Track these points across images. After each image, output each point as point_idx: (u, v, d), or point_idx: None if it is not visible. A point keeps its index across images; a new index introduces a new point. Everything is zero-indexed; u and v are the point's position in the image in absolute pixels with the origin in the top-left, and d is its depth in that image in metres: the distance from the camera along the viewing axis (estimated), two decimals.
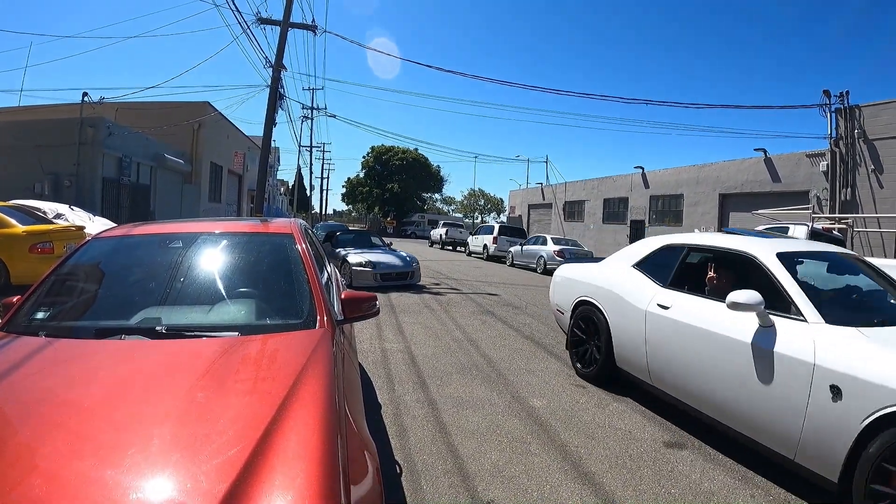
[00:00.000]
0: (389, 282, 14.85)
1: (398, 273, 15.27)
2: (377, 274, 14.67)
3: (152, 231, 4.21)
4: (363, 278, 14.39)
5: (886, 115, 18.81)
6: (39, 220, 11.67)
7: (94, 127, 21.80)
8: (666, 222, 29.75)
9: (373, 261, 14.91)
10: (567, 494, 3.85)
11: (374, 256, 15.31)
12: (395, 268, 15.27)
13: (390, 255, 15.95)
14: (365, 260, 14.89)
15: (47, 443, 1.86)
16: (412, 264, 15.74)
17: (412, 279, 15.50)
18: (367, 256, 15.14)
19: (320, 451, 1.86)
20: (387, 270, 15.00)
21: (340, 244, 16.78)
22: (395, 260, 15.66)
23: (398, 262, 15.58)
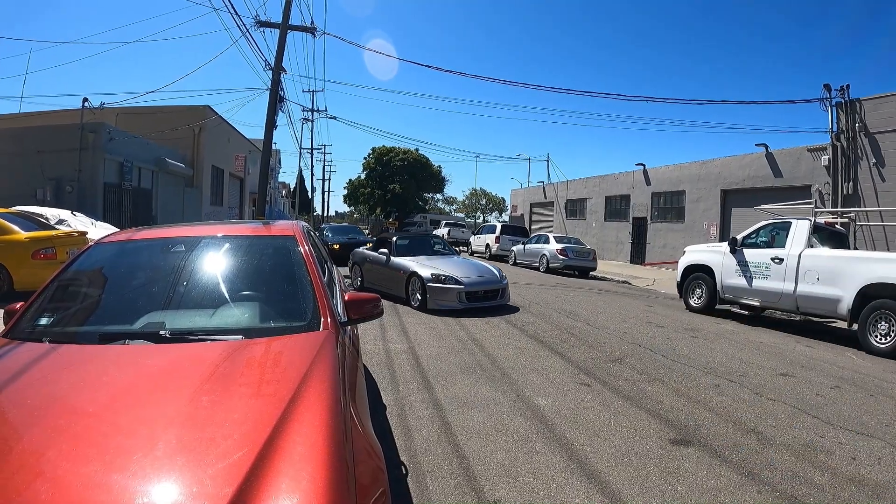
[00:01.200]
0: (477, 302, 11.66)
1: (487, 291, 11.94)
2: (462, 292, 11.37)
3: (155, 235, 4.21)
4: (444, 297, 11.32)
5: (887, 108, 18.75)
6: (42, 226, 11.68)
7: (94, 132, 21.80)
8: (668, 219, 29.69)
9: (454, 276, 11.60)
10: (573, 493, 3.85)
11: (452, 268, 12.05)
12: (483, 283, 11.95)
13: (470, 267, 12.63)
14: (443, 273, 11.59)
15: (53, 448, 1.86)
16: (503, 279, 12.44)
17: (502, 298, 12.21)
18: (443, 268, 11.88)
19: (326, 453, 1.85)
20: (474, 287, 11.65)
21: (399, 251, 13.36)
22: (481, 273, 12.31)
23: (486, 277, 12.26)
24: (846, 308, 9.31)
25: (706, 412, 5.61)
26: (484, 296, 11.88)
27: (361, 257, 14.83)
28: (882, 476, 4.25)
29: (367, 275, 14.23)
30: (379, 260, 13.57)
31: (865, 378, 7.19)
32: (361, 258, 14.79)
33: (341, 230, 27.48)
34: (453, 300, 11.33)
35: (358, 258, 14.98)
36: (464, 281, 11.57)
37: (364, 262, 14.54)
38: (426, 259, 12.82)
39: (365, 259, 14.54)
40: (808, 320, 11.96)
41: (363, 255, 14.80)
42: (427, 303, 11.33)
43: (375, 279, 13.72)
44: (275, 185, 59.82)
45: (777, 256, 10.70)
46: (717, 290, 12.18)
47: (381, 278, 13.40)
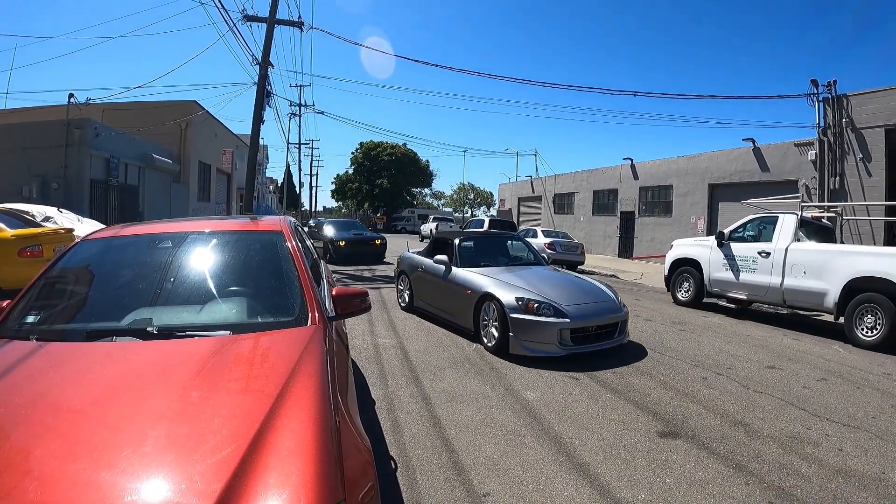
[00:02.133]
0: (586, 345, 7.43)
1: (601, 326, 7.64)
2: (566, 329, 7.20)
3: (141, 231, 4.19)
4: (535, 336, 7.20)
5: (873, 103, 18.87)
6: (28, 223, 11.58)
7: (80, 128, 21.64)
8: (656, 213, 29.79)
9: (551, 300, 7.43)
10: (562, 486, 3.86)
11: (544, 287, 7.97)
12: (595, 313, 7.62)
13: (569, 284, 8.54)
14: (535, 297, 7.45)
15: (41, 446, 1.85)
16: (622, 306, 8.16)
17: (621, 335, 7.93)
18: (530, 287, 7.84)
19: (315, 448, 1.86)
20: (583, 320, 7.40)
21: (464, 259, 9.34)
22: (588, 296, 8.06)
23: (598, 302, 7.95)
24: (833, 301, 9.37)
25: (694, 405, 5.64)
26: (596, 334, 7.54)
27: (411, 264, 10.77)
28: (868, 467, 4.29)
29: (420, 290, 10.27)
30: (435, 271, 9.61)
31: (852, 370, 7.25)
32: (411, 265, 10.75)
33: (344, 225, 24.43)
34: (551, 341, 7.13)
35: (406, 266, 10.99)
36: (567, 310, 7.32)
37: (414, 271, 10.52)
38: (504, 272, 8.74)
39: (415, 267, 10.49)
40: (795, 314, 12.04)
41: (413, 261, 10.76)
42: (509, 344, 7.23)
43: (430, 297, 9.84)
44: (262, 180, 59.73)
45: (764, 250, 10.76)
46: (704, 284, 12.23)
47: (438, 297, 9.52)
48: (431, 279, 9.77)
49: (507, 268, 9.24)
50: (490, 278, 8.28)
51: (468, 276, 8.62)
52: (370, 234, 24.19)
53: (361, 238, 22.17)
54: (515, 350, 7.24)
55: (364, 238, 22.30)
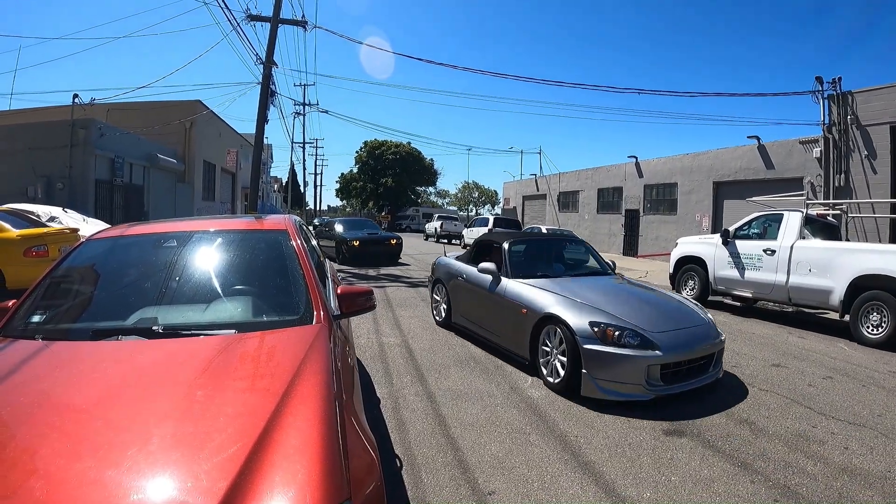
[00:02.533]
0: (680, 383, 5.73)
1: (694, 360, 5.91)
2: (657, 364, 5.53)
3: (146, 231, 4.20)
4: (616, 374, 5.52)
5: (878, 100, 18.80)
6: (33, 223, 11.62)
7: (85, 128, 21.70)
8: (661, 211, 29.73)
9: (632, 325, 5.77)
10: (567, 484, 3.86)
11: (620, 306, 6.25)
12: (688, 342, 5.92)
13: (648, 301, 6.77)
14: (614, 322, 5.77)
15: (47, 445, 1.86)
16: (719, 334, 6.42)
17: (716, 367, 6.23)
18: (606, 308, 6.10)
19: (321, 446, 1.86)
20: (676, 352, 5.70)
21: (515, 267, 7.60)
22: (672, 317, 6.35)
23: (687, 326, 6.22)
24: (838, 299, 9.35)
25: (698, 403, 5.62)
26: (688, 369, 5.80)
27: (448, 272, 9.12)
28: (874, 465, 4.28)
29: (460, 303, 8.63)
30: (479, 281, 7.89)
31: (857, 369, 7.23)
32: (448, 273, 9.10)
33: (357, 224, 23.36)
34: (636, 381, 5.44)
35: (443, 273, 9.34)
36: (657, 338, 5.61)
37: (451, 279, 8.91)
38: (567, 284, 7.02)
39: (454, 275, 8.84)
40: (801, 311, 12.01)
41: (452, 268, 9.10)
42: (581, 383, 5.56)
43: (473, 312, 8.15)
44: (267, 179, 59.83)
45: (769, 248, 10.73)
46: (709, 282, 12.21)
47: (483, 313, 7.77)
48: (474, 291, 8.03)
49: (570, 278, 7.57)
50: (552, 293, 6.53)
51: (523, 291, 6.90)
52: (385, 233, 23.15)
53: (376, 238, 21.11)
54: (589, 392, 5.53)
55: (379, 238, 21.22)
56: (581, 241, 9.43)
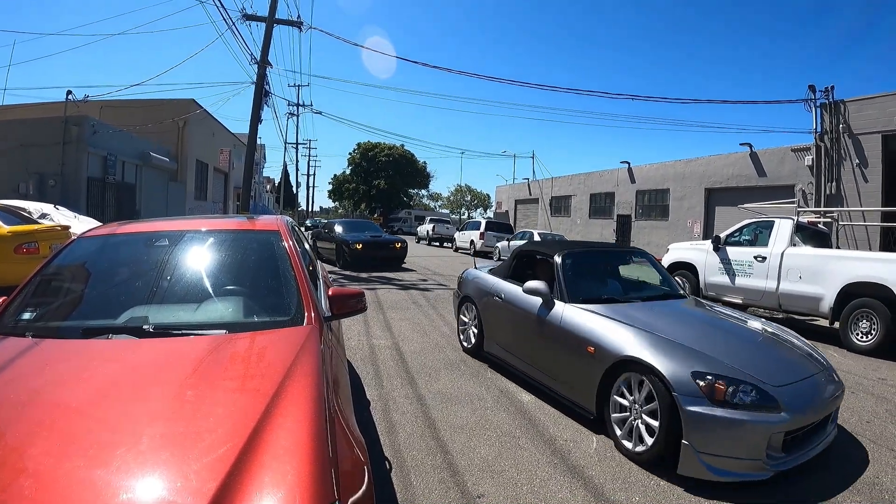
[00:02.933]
0: (800, 453, 4.17)
1: (818, 425, 4.45)
2: (780, 432, 3.99)
3: (138, 229, 4.19)
4: (732, 444, 3.93)
5: (870, 109, 18.94)
6: (24, 220, 11.55)
7: (78, 125, 21.63)
8: (653, 217, 29.85)
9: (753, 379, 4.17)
10: (556, 488, 3.87)
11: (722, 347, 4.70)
12: (815, 397, 4.37)
13: (752, 341, 5.17)
14: (727, 375, 4.14)
15: (36, 444, 1.85)
16: (839, 383, 4.80)
17: (833, 423, 4.71)
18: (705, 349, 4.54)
19: (310, 447, 1.86)
20: (805, 414, 4.17)
21: (573, 289, 5.93)
22: (792, 363, 4.73)
23: (812, 375, 4.58)
24: (828, 306, 9.39)
25: None
26: (811, 433, 4.40)
27: (479, 288, 7.49)
28: (863, 473, 4.30)
29: (494, 326, 7.01)
30: (522, 303, 6.33)
31: (847, 375, 7.26)
32: (479, 289, 7.47)
33: (358, 226, 21.94)
34: (755, 455, 3.95)
35: (472, 289, 7.67)
36: (777, 394, 4.14)
37: (484, 297, 7.26)
38: (642, 312, 5.47)
39: (487, 292, 7.21)
40: (791, 318, 12.05)
41: (484, 284, 7.43)
42: (680, 458, 4.06)
43: (513, 342, 6.55)
44: (259, 179, 59.73)
45: (760, 255, 10.77)
46: (700, 288, 12.24)
47: (526, 344, 6.24)
48: (516, 315, 6.34)
49: (642, 304, 5.90)
50: (628, 326, 4.90)
51: (586, 321, 5.22)
52: (389, 236, 22.08)
53: (380, 241, 19.99)
54: (692, 470, 3.97)
55: (383, 241, 20.12)
56: (644, 253, 7.47)
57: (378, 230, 22.59)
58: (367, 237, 19.73)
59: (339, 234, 20.03)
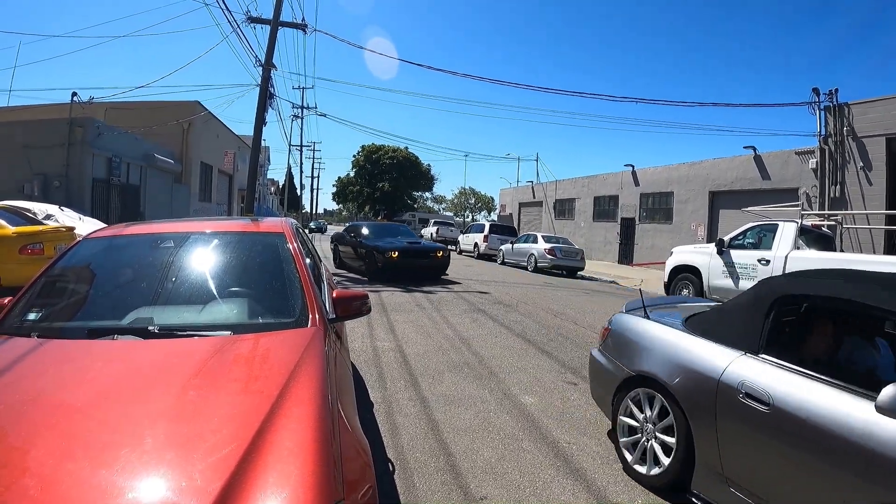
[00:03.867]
0: None
1: None
2: None
3: (143, 231, 4.20)
4: None
5: (874, 112, 18.90)
6: (29, 221, 11.60)
7: (83, 127, 21.66)
8: (656, 220, 29.82)
9: None
10: (559, 490, 3.87)
11: None
12: None
13: None
14: None
15: (40, 444, 1.86)
16: None
17: None
18: None
19: (314, 448, 1.87)
20: None
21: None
22: None
23: None
24: None
25: None
26: None
27: (679, 362, 3.99)
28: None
29: (741, 446, 3.41)
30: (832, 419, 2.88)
31: None
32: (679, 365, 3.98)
33: (389, 231, 19.06)
34: None
35: (659, 360, 4.19)
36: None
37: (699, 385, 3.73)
38: None
39: (704, 377, 3.70)
40: None
41: (690, 359, 3.92)
42: None
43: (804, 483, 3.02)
44: (263, 181, 59.75)
45: (764, 258, 10.77)
46: (703, 291, 12.24)
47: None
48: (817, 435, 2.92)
49: None
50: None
51: None
52: (428, 243, 19.66)
53: (420, 248, 17.21)
54: None
55: (423, 248, 17.37)
56: None
57: (412, 235, 20.05)
58: (404, 244, 16.80)
59: (368, 240, 17.17)
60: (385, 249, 15.86)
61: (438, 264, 17.09)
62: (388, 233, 18.35)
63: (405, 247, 16.44)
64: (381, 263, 15.78)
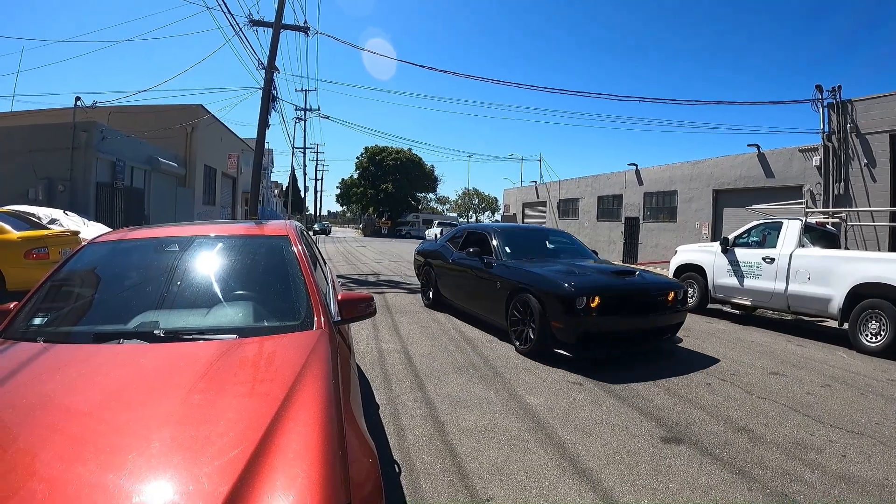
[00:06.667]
0: None
1: None
2: None
3: (148, 235, 4.22)
4: None
5: (878, 109, 18.83)
6: (34, 225, 11.63)
7: (87, 131, 21.74)
8: (660, 219, 29.75)
9: None
10: (565, 491, 3.87)
11: None
12: None
13: None
14: None
15: (47, 448, 1.87)
16: None
17: None
18: None
19: (321, 451, 1.87)
20: None
21: None
22: None
23: None
24: (837, 307, 9.35)
25: (697, 410, 5.63)
26: None
27: None
28: (871, 473, 4.28)
29: None
30: None
31: (856, 377, 7.23)
32: None
33: (533, 241, 10.51)
34: None
35: None
36: None
37: None
38: None
39: None
40: (800, 320, 12.02)
41: None
42: None
43: None
44: (267, 184, 59.89)
45: (768, 256, 10.74)
46: (708, 290, 12.21)
47: None
48: None
49: None
50: None
51: None
52: (651, 276, 8.78)
53: (636, 287, 7.90)
54: None
55: (643, 286, 7.93)
56: None
57: (585, 250, 10.50)
58: (602, 277, 8.01)
59: (516, 263, 8.84)
60: (579, 291, 7.12)
61: (670, 321, 8.01)
62: (538, 246, 10.21)
63: (610, 284, 7.75)
64: (571, 324, 7.11)
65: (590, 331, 7.18)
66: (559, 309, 7.16)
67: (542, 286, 7.62)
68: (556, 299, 7.21)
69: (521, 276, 8.21)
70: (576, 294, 7.07)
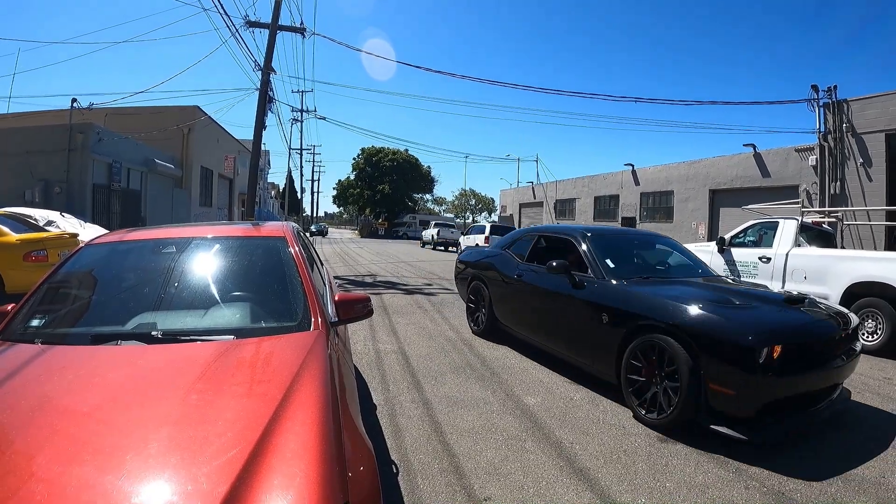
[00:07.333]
0: None
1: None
2: None
3: (145, 236, 4.22)
4: None
5: (873, 108, 18.91)
6: (32, 227, 11.62)
7: (83, 133, 21.72)
8: (657, 219, 29.82)
9: None
10: (563, 490, 3.88)
11: None
12: None
13: None
14: None
15: (46, 449, 1.87)
16: None
17: None
18: None
19: (319, 451, 1.88)
20: None
21: None
22: None
23: None
24: None
25: None
26: None
27: None
28: (868, 472, 4.30)
29: None
30: None
31: (853, 375, 7.22)
32: None
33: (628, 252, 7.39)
34: None
35: None
36: None
37: None
38: None
39: None
40: None
41: None
42: None
43: None
44: (264, 185, 59.87)
45: (765, 256, 10.76)
46: None
47: None
48: None
49: None
50: None
51: None
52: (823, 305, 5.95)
53: (821, 325, 5.17)
54: None
55: (825, 325, 5.20)
56: None
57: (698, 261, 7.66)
58: (788, 314, 5.18)
59: (629, 290, 5.83)
60: (760, 337, 4.49)
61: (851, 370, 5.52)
62: (647, 257, 7.74)
63: (791, 322, 5.06)
64: (749, 389, 4.50)
65: (776, 397, 4.60)
66: (728, 365, 4.55)
67: (693, 325, 4.84)
68: (723, 348, 4.59)
69: (645, 306, 5.42)
70: (756, 343, 4.44)
